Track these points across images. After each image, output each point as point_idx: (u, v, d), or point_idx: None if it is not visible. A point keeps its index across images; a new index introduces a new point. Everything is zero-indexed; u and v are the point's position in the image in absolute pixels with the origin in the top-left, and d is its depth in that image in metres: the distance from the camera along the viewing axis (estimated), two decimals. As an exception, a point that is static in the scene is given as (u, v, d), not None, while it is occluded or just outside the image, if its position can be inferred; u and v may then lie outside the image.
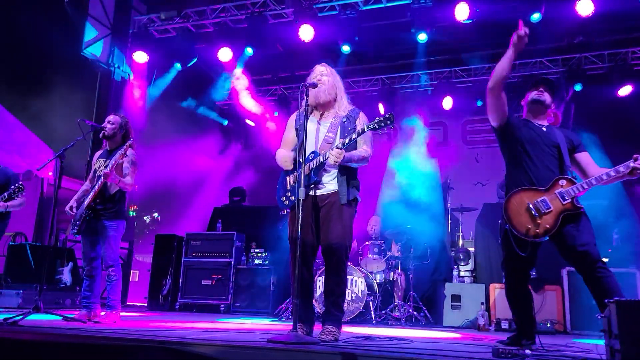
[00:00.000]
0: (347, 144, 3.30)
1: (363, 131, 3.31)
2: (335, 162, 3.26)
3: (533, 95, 3.60)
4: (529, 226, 3.33)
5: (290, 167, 3.54)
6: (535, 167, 3.47)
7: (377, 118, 3.27)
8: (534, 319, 3.55)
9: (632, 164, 3.20)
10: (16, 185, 5.01)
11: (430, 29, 7.34)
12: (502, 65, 3.43)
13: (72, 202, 4.63)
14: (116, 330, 3.33)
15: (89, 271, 4.58)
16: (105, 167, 4.49)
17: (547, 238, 3.32)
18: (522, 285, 3.56)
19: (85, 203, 4.48)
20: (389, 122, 3.23)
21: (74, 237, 4.71)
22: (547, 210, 3.29)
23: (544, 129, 3.56)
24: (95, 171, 4.67)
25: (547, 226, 3.28)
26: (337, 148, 3.27)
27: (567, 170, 3.41)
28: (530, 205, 3.34)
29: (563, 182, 3.34)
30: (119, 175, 4.49)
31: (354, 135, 3.31)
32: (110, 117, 4.81)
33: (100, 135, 4.73)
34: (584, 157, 3.53)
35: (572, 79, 8.13)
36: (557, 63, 8.61)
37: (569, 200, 3.28)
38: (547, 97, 3.59)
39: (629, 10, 6.79)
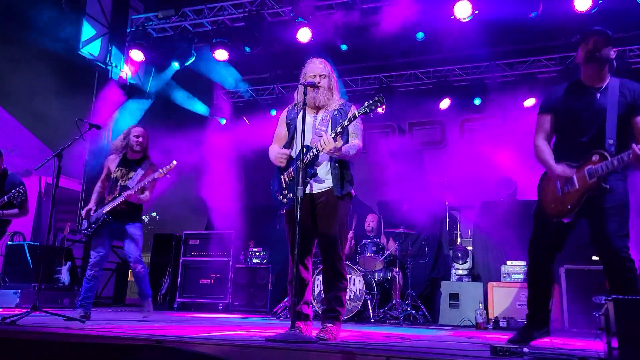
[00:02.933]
0: (339, 131, 3.26)
1: (355, 117, 3.27)
2: (328, 150, 3.20)
3: (586, 52, 3.14)
4: (552, 205, 3.18)
5: (284, 164, 3.52)
6: (573, 140, 3.18)
7: (367, 102, 3.23)
8: (549, 308, 3.33)
9: None
10: (17, 189, 5.03)
11: (428, 27, 7.36)
12: (541, 162, 3.28)
13: (92, 205, 4.89)
14: (114, 329, 3.33)
15: (96, 272, 4.81)
16: (129, 178, 4.80)
17: (571, 219, 3.11)
18: (545, 267, 3.32)
19: (105, 210, 4.72)
20: (379, 104, 3.20)
21: (82, 237, 5.02)
22: (572, 189, 3.08)
23: (598, 93, 3.15)
24: (115, 179, 4.87)
25: (569, 206, 3.08)
26: (331, 136, 3.23)
27: (607, 142, 3.03)
28: (558, 183, 3.16)
29: (595, 157, 3.03)
30: (139, 190, 4.78)
31: (345, 123, 3.28)
32: (137, 131, 4.96)
33: (133, 149, 4.91)
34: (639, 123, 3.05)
35: (569, 78, 8.12)
36: (555, 61, 8.62)
37: (595, 179, 3.00)
38: (600, 49, 3.11)
39: (627, 9, 6.78)
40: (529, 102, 8.44)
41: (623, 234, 3.01)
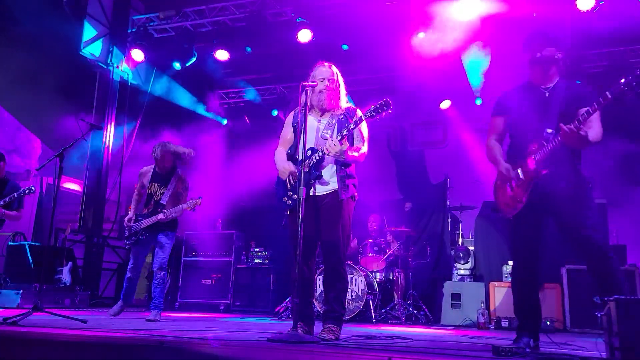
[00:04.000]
0: (345, 134, 3.30)
1: (361, 119, 3.31)
2: (333, 153, 3.24)
3: (528, 55, 3.26)
4: (508, 203, 3.22)
5: (284, 178, 3.53)
6: (521, 138, 3.25)
7: (373, 105, 3.26)
8: (538, 317, 3.23)
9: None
10: (27, 188, 5.14)
11: (427, 27, 7.35)
12: (492, 161, 3.38)
13: (132, 215, 5.21)
14: (116, 330, 3.33)
15: (133, 275, 5.19)
16: (162, 194, 5.12)
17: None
18: (527, 273, 3.23)
19: (143, 225, 5.06)
20: (385, 108, 3.22)
21: (125, 246, 5.44)
22: (519, 182, 3.15)
23: (547, 93, 3.22)
24: (150, 194, 5.19)
25: (523, 200, 3.13)
26: (337, 139, 3.26)
27: (545, 131, 3.07)
28: (508, 184, 3.23)
29: (534, 147, 3.11)
30: (176, 203, 5.13)
31: (351, 126, 3.32)
32: (162, 147, 5.17)
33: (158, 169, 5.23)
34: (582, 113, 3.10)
35: (569, 77, 8.11)
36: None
37: (534, 167, 3.07)
38: (542, 52, 3.20)
39: (628, 9, 6.76)
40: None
41: (599, 228, 3.03)
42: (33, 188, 5.23)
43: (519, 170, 3.17)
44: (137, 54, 8.38)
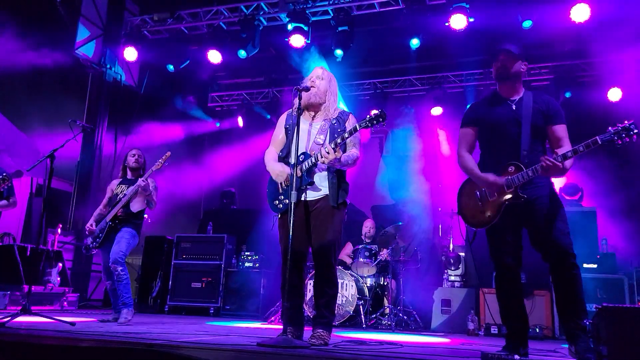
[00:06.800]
0: (339, 143, 3.28)
1: (355, 130, 3.31)
2: (329, 161, 3.22)
3: (496, 71, 3.32)
4: (473, 215, 3.28)
5: (281, 181, 3.52)
6: (494, 151, 3.29)
7: (368, 116, 3.27)
8: (526, 324, 3.24)
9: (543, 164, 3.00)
10: (2, 175, 4.92)
11: (422, 34, 7.41)
12: (466, 170, 3.38)
13: (92, 221, 5.06)
14: (104, 333, 3.31)
15: (112, 283, 4.94)
16: (128, 189, 4.95)
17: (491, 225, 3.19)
18: (510, 280, 3.33)
19: (108, 218, 4.91)
20: (380, 120, 3.23)
21: (92, 252, 5.19)
22: (491, 199, 3.18)
23: (514, 105, 3.28)
24: (116, 195, 5.06)
25: (488, 214, 3.19)
26: (331, 147, 3.25)
27: (521, 152, 3.14)
28: (478, 193, 3.26)
29: (511, 168, 3.14)
30: (141, 201, 4.98)
31: (346, 135, 3.30)
32: (133, 151, 5.23)
33: (130, 167, 5.18)
34: (555, 131, 3.20)
35: (562, 86, 8.20)
36: (548, 69, 8.68)
37: (512, 189, 3.10)
38: (508, 67, 3.26)
39: (623, 16, 6.83)
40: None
41: (567, 232, 3.09)
42: (7, 176, 4.99)
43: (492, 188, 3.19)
44: (130, 53, 8.35)
